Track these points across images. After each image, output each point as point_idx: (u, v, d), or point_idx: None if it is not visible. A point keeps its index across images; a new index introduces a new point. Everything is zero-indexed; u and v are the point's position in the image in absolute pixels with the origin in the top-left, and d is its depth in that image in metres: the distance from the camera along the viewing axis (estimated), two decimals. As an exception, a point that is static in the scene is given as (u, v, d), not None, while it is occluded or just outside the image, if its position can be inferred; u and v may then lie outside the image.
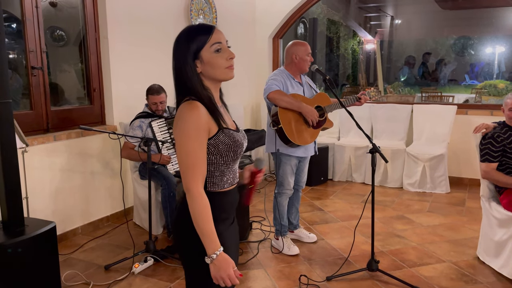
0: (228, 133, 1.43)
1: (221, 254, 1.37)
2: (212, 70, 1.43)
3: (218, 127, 1.41)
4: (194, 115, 1.36)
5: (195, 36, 1.42)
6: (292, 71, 3.22)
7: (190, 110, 1.37)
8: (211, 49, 1.42)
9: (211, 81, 1.46)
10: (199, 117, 1.36)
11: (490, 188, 3.12)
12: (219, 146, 1.42)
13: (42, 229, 2.51)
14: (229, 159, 1.45)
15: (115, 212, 4.01)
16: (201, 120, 1.37)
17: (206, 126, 1.38)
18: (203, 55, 1.42)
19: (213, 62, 1.42)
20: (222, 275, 1.37)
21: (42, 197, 3.35)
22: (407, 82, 11.88)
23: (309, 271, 3.00)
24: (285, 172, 3.23)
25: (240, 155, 1.49)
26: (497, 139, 2.95)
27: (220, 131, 1.41)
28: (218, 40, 1.42)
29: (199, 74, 1.43)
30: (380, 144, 4.99)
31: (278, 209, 3.31)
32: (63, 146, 3.49)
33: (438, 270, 3.00)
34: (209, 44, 1.41)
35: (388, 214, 4.16)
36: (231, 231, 1.55)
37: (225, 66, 1.43)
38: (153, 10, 4.27)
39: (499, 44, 11.97)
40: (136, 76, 4.06)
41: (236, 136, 1.46)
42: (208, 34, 1.42)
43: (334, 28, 11.25)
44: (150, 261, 3.07)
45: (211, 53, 1.42)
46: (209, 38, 1.41)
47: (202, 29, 1.44)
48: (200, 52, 1.41)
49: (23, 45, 3.32)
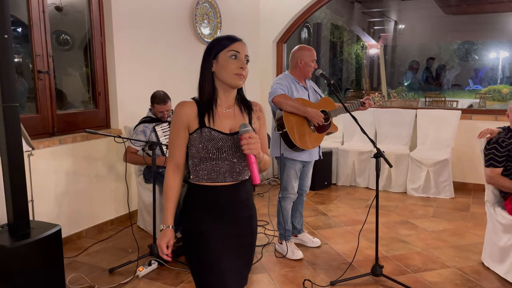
0: (206, 132, 1.58)
1: (164, 230, 1.66)
2: (222, 72, 1.60)
3: (199, 125, 1.59)
4: (176, 111, 1.62)
5: (221, 40, 1.63)
6: (296, 76, 3.23)
7: (176, 108, 1.64)
8: (228, 54, 1.60)
9: (221, 84, 1.63)
10: (179, 113, 1.61)
11: (495, 193, 3.11)
12: (192, 142, 1.62)
13: (47, 232, 2.53)
14: (203, 156, 1.60)
15: (119, 216, 4.02)
16: (180, 116, 1.61)
17: (185, 122, 1.60)
18: (220, 57, 1.61)
19: (225, 65, 1.59)
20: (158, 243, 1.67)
21: (47, 200, 3.37)
22: (411, 87, 11.86)
23: (313, 276, 3.00)
24: (289, 176, 3.23)
25: (219, 156, 1.60)
26: (501, 144, 2.95)
27: (198, 129, 1.59)
28: (237, 49, 1.61)
29: (213, 73, 1.62)
30: (384, 148, 4.96)
31: (282, 213, 3.31)
32: (68, 150, 3.51)
33: (443, 276, 2.99)
34: (228, 49, 1.60)
35: (392, 219, 4.15)
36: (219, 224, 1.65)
37: (234, 72, 1.59)
38: (158, 14, 4.30)
39: (503, 49, 11.95)
40: (141, 80, 4.08)
41: (215, 136, 1.59)
42: (231, 42, 1.61)
43: (338, 33, 11.27)
44: (154, 265, 3.08)
45: (227, 57, 1.60)
46: (230, 45, 1.60)
47: (230, 37, 1.64)
48: (219, 54, 1.61)
49: (29, 49, 3.35)
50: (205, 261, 1.62)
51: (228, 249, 1.65)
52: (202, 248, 1.63)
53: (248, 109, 1.70)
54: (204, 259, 1.62)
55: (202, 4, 4.82)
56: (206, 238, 1.62)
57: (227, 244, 1.65)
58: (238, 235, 1.68)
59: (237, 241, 1.68)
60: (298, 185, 3.33)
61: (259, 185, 5.32)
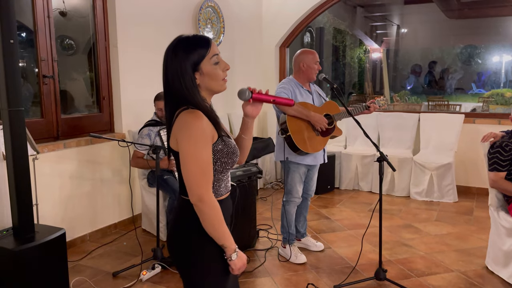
0: (226, 140, 1.47)
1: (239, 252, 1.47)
2: (210, 82, 1.46)
3: (218, 135, 1.44)
4: (200, 123, 1.37)
5: (195, 48, 1.42)
6: (300, 80, 3.24)
7: (195, 118, 1.38)
8: (211, 61, 1.44)
9: (207, 92, 1.49)
10: (203, 124, 1.38)
11: (499, 197, 3.10)
12: (218, 154, 1.45)
13: (51, 236, 2.54)
14: (226, 165, 1.48)
15: (123, 219, 4.03)
16: (207, 128, 1.39)
17: (211, 134, 1.41)
18: (203, 67, 1.43)
19: (212, 74, 1.44)
20: (241, 267, 1.47)
21: (51, 204, 3.38)
22: (414, 91, 11.86)
23: (316, 280, 3.00)
24: (293, 180, 3.23)
25: (235, 162, 1.52)
26: (505, 148, 2.95)
27: (219, 139, 1.44)
28: (216, 52, 1.45)
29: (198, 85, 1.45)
30: (387, 152, 4.93)
31: (286, 217, 3.32)
32: (72, 154, 3.53)
33: (447, 280, 2.98)
34: (209, 56, 1.43)
35: (396, 223, 4.14)
36: None
37: (222, 78, 1.47)
38: (162, 19, 4.33)
39: (506, 53, 11.93)
40: (145, 85, 4.10)
41: (232, 143, 1.51)
42: (207, 46, 1.43)
43: (340, 37, 11.29)
44: (157, 268, 3.08)
45: (211, 65, 1.44)
46: (209, 50, 1.43)
47: (201, 41, 1.44)
48: (201, 64, 1.43)
49: (34, 54, 3.37)
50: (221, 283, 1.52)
51: None
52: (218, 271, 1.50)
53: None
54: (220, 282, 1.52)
55: (205, 9, 4.85)
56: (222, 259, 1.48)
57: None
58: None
59: None
60: (303, 189, 3.33)
61: (262, 189, 5.32)
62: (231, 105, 5.31)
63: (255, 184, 3.58)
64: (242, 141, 1.65)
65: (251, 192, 3.46)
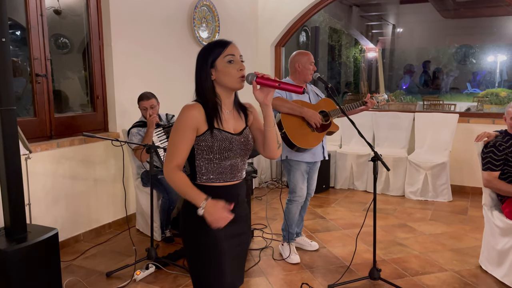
0: (216, 134, 1.62)
1: (208, 202, 1.57)
2: (224, 78, 1.64)
3: (208, 127, 1.61)
4: (185, 115, 1.61)
5: (213, 48, 1.66)
6: (296, 80, 3.26)
7: (183, 110, 1.62)
8: (225, 59, 1.63)
9: (223, 89, 1.67)
10: (188, 116, 1.61)
11: (492, 196, 3.11)
12: (202, 144, 1.63)
13: (44, 236, 2.52)
14: (212, 156, 1.64)
15: (117, 219, 4.01)
16: (189, 119, 1.60)
17: (194, 125, 1.61)
18: (218, 64, 1.64)
19: (225, 71, 1.63)
20: (215, 217, 1.57)
21: (44, 203, 3.36)
22: (409, 90, 11.89)
23: (310, 279, 3.00)
24: (296, 178, 3.24)
25: (228, 155, 1.65)
26: (499, 148, 2.96)
27: (207, 131, 1.62)
28: (231, 53, 1.64)
29: (213, 81, 1.65)
30: (382, 152, 4.99)
31: (287, 216, 3.32)
32: (66, 153, 3.51)
33: (441, 279, 2.98)
34: (223, 55, 1.64)
35: (390, 222, 4.15)
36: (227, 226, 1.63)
37: (237, 76, 1.64)
38: (156, 18, 4.31)
39: (500, 53, 11.99)
40: (139, 84, 4.08)
41: (226, 136, 1.64)
42: (223, 47, 1.64)
43: (336, 37, 11.30)
44: (151, 268, 3.07)
45: (224, 63, 1.63)
46: (224, 50, 1.64)
47: (220, 42, 1.67)
48: (215, 61, 1.64)
49: (27, 53, 3.35)
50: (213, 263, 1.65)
51: (230, 248, 1.70)
52: (210, 251, 1.65)
53: (244, 111, 1.77)
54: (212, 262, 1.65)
55: (200, 8, 4.83)
56: (215, 240, 1.65)
57: (230, 243, 1.70)
58: (238, 234, 1.74)
59: (237, 240, 1.74)
60: None
61: (258, 188, 5.32)
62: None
63: (250, 184, 3.58)
64: (264, 132, 1.74)
65: (245, 192, 3.44)
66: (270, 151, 1.75)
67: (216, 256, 1.65)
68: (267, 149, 1.74)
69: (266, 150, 1.76)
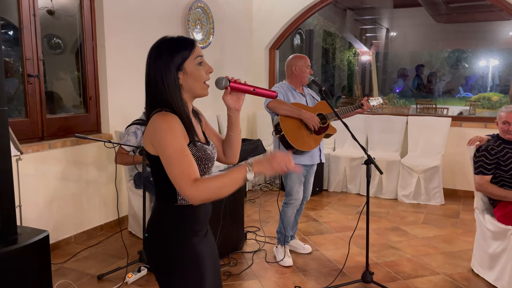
0: (199, 146, 1.44)
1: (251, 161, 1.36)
2: (193, 83, 1.45)
3: (190, 140, 1.41)
4: (171, 122, 1.36)
5: (180, 47, 1.43)
6: (293, 83, 3.28)
7: (165, 121, 1.36)
8: (195, 61, 1.44)
9: (188, 95, 1.48)
10: (176, 123, 1.37)
11: (484, 200, 3.13)
12: None
13: (35, 238, 2.49)
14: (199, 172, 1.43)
15: (109, 221, 3.98)
16: (178, 126, 1.38)
17: (182, 135, 1.38)
18: (187, 67, 1.43)
19: (195, 74, 1.44)
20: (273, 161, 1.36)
21: (35, 205, 3.33)
22: (402, 94, 11.96)
23: (303, 282, 2.99)
24: (292, 181, 3.24)
25: (210, 168, 1.49)
26: (491, 152, 2.98)
27: (191, 144, 1.41)
28: (200, 54, 1.46)
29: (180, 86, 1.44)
30: (375, 155, 5.01)
31: (282, 219, 3.31)
32: (58, 154, 3.48)
33: (433, 283, 2.99)
34: (193, 56, 1.44)
35: (383, 225, 4.16)
36: (206, 243, 1.55)
37: (204, 80, 1.46)
38: (150, 19, 4.29)
39: (493, 58, 12.12)
40: (133, 85, 4.06)
41: (206, 149, 1.47)
42: (192, 47, 1.44)
43: (330, 40, 11.35)
44: (143, 271, 3.05)
45: (195, 65, 1.44)
46: (193, 51, 1.44)
47: (186, 41, 1.45)
48: (184, 63, 1.43)
49: (20, 53, 3.32)
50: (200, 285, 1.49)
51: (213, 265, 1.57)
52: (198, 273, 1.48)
53: (198, 118, 1.60)
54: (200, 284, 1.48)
55: (195, 10, 4.82)
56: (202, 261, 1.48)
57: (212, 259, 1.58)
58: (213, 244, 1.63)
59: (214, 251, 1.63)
60: None
61: (251, 191, 5.31)
62: (221, 106, 5.28)
63: (243, 186, 3.57)
64: (229, 138, 1.61)
65: (239, 194, 3.44)
66: (233, 156, 1.63)
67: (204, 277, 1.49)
68: (231, 154, 1.63)
69: (228, 156, 1.64)
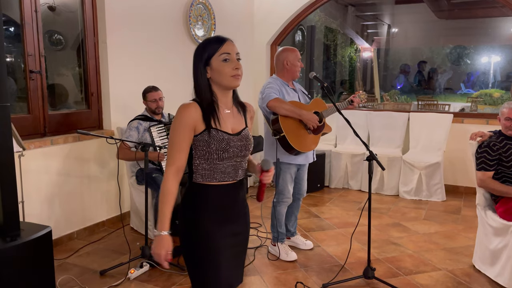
0: (214, 133, 1.60)
1: (162, 236, 1.58)
2: (219, 77, 1.61)
3: (206, 126, 1.59)
4: (182, 114, 1.59)
5: (209, 45, 1.63)
6: (285, 78, 3.23)
7: (180, 110, 1.60)
8: (220, 58, 1.60)
9: (219, 87, 1.65)
10: (185, 115, 1.58)
11: (486, 196, 3.13)
12: (199, 144, 1.61)
13: (37, 234, 2.50)
14: (211, 156, 1.62)
15: (111, 217, 3.99)
16: (186, 118, 1.58)
17: (192, 124, 1.59)
18: (213, 63, 1.61)
19: (220, 70, 1.61)
20: (155, 251, 1.59)
21: (38, 201, 3.34)
22: (404, 90, 11.94)
23: (305, 278, 3.00)
24: (285, 181, 3.23)
25: (225, 156, 1.64)
26: (493, 148, 2.98)
27: (205, 131, 1.60)
28: (227, 51, 1.61)
29: (208, 79, 1.63)
30: (377, 151, 5.01)
31: (276, 217, 3.31)
32: (60, 150, 3.48)
33: (434, 278, 3.00)
34: (219, 53, 1.61)
35: (384, 221, 4.16)
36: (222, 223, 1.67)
37: (231, 75, 1.61)
38: (152, 15, 4.29)
39: (494, 54, 12.07)
40: (134, 81, 4.06)
41: (223, 137, 1.62)
42: (219, 45, 1.61)
43: (332, 36, 11.31)
44: (146, 267, 3.06)
45: (219, 62, 1.60)
46: (220, 48, 1.61)
47: (216, 40, 1.64)
48: (210, 59, 1.61)
49: (21, 49, 3.32)
50: (208, 261, 1.65)
51: (228, 247, 1.69)
52: (206, 249, 1.64)
53: (243, 110, 1.76)
54: (208, 260, 1.65)
55: (196, 6, 4.81)
56: (210, 238, 1.64)
57: (227, 242, 1.69)
58: (237, 233, 1.74)
59: (235, 238, 1.73)
60: (295, 190, 3.32)
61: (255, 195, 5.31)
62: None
63: (245, 183, 3.57)
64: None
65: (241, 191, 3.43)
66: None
67: (213, 254, 1.64)
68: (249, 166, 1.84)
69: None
